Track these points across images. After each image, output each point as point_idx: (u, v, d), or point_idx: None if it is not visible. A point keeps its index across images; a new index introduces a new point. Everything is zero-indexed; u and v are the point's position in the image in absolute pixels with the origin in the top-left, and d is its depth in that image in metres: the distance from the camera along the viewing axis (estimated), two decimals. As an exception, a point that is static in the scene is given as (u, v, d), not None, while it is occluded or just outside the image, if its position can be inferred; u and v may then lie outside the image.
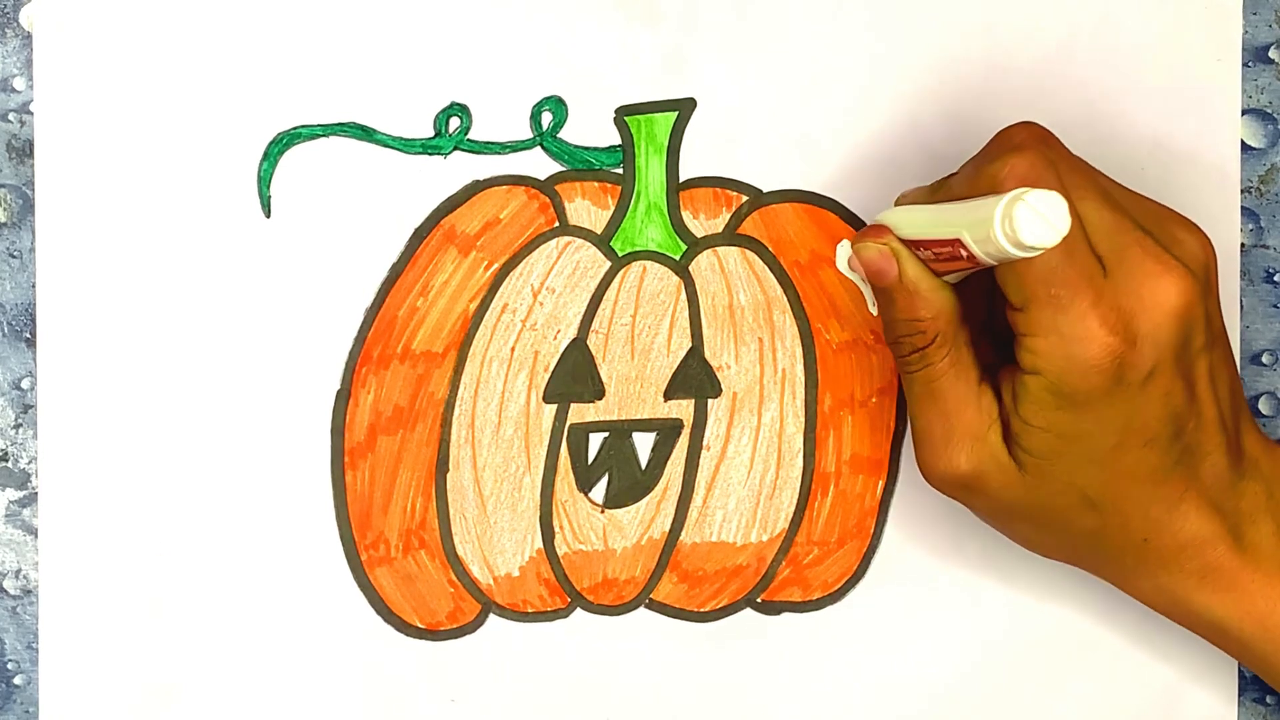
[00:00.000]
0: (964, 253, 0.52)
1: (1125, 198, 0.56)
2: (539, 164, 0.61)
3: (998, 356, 0.57)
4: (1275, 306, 0.65)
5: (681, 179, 0.62)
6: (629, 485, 0.62)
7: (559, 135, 0.61)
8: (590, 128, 0.61)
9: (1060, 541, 0.58)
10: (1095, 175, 0.56)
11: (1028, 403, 0.54)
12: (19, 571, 0.61)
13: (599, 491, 0.62)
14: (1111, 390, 0.53)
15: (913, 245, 0.55)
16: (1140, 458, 0.55)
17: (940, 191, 0.57)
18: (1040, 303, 0.53)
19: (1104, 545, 0.57)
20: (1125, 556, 0.57)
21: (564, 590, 0.62)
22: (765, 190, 0.62)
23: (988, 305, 0.58)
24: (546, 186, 0.61)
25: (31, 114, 0.60)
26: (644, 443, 0.62)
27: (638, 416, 0.62)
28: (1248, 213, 0.65)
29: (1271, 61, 0.65)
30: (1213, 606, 0.57)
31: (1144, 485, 0.55)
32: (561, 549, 0.62)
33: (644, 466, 0.62)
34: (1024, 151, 0.53)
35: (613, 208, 0.62)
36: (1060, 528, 0.57)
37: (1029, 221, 0.49)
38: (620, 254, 0.62)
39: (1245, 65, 0.64)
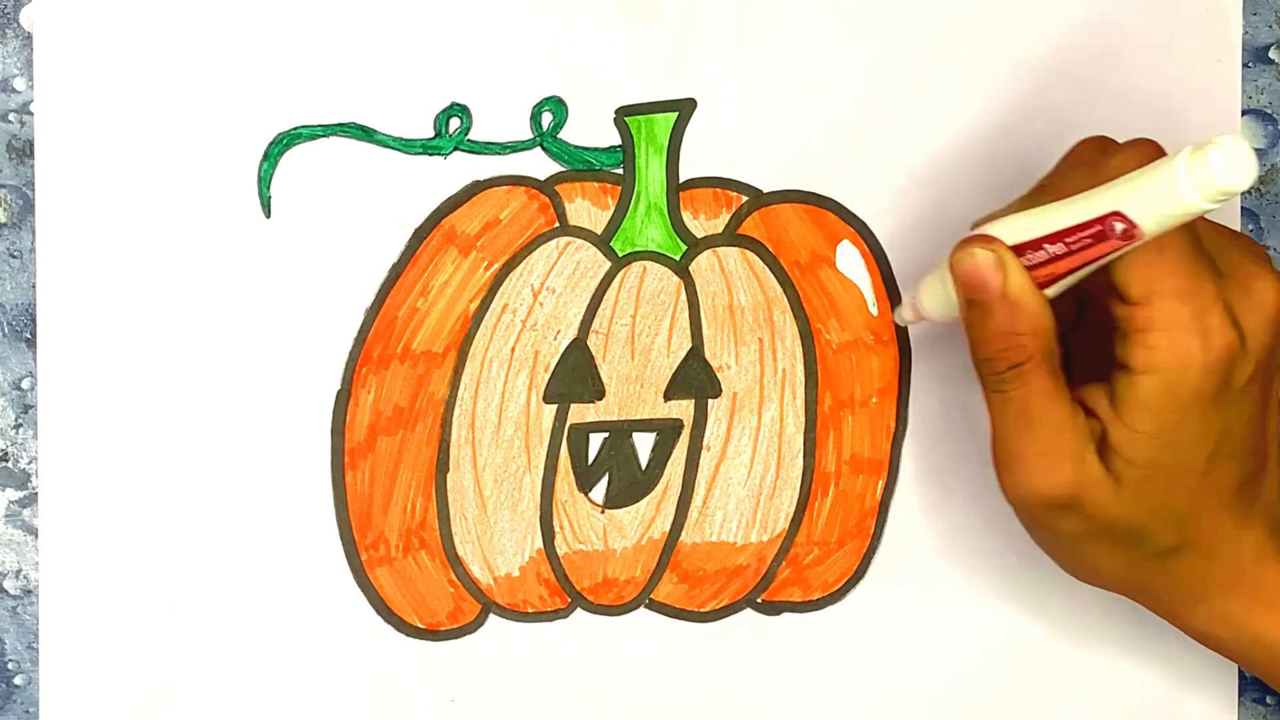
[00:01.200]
0: (1120, 226, 0.50)
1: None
2: (539, 164, 0.61)
3: (1071, 378, 0.55)
4: (1275, 306, 0.65)
5: (681, 179, 0.62)
6: (629, 485, 0.62)
7: (559, 135, 0.61)
8: (590, 128, 0.61)
9: (1129, 564, 0.56)
10: None
11: (1135, 407, 0.53)
12: (19, 571, 0.61)
13: (599, 491, 0.62)
14: (1220, 392, 0.53)
15: (1024, 249, 0.53)
16: (1225, 470, 0.54)
17: (1047, 196, 0.54)
18: (1164, 295, 0.52)
19: (1171, 566, 0.56)
20: (1188, 579, 0.56)
21: (564, 590, 0.62)
22: (765, 190, 0.62)
23: (1076, 323, 0.57)
24: (546, 187, 0.61)
25: (31, 114, 0.60)
26: (644, 443, 0.62)
27: (638, 416, 0.62)
28: (1248, 213, 0.65)
29: (1271, 61, 0.65)
30: (1270, 628, 0.56)
31: (1224, 500, 0.55)
32: (562, 549, 0.62)
33: (644, 466, 0.62)
34: (1142, 143, 0.53)
35: (613, 208, 0.62)
36: (1138, 547, 0.55)
37: (1224, 163, 0.48)
38: (620, 254, 0.62)
39: (1245, 65, 0.64)
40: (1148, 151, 0.53)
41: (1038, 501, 0.55)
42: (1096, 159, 0.54)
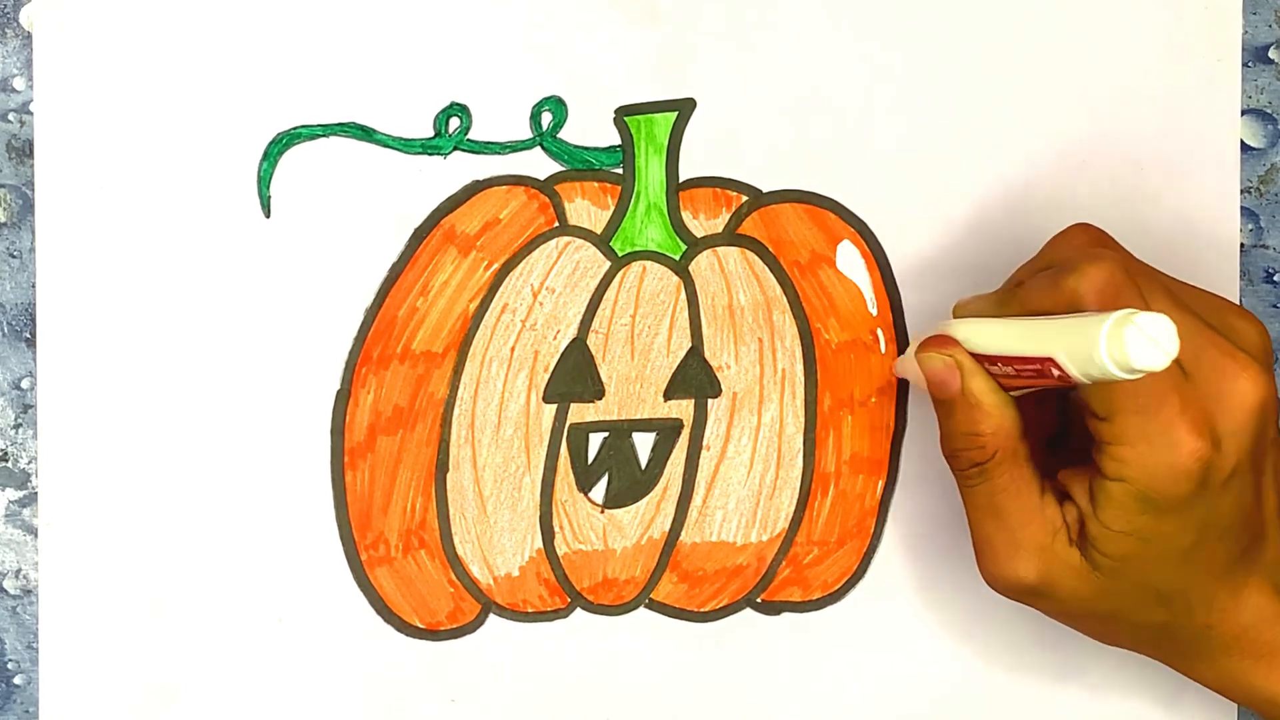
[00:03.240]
0: (1056, 372, 0.51)
1: (1186, 294, 0.55)
2: (539, 164, 0.61)
3: (1056, 459, 0.56)
4: (1275, 306, 0.65)
5: (681, 179, 0.62)
6: (629, 485, 0.62)
7: (559, 135, 0.61)
8: (590, 128, 0.61)
9: (1126, 633, 0.58)
10: (1159, 276, 0.55)
11: (1110, 509, 0.54)
12: (19, 571, 0.61)
13: (599, 491, 0.62)
14: (1196, 495, 0.53)
15: (983, 359, 0.55)
16: (1214, 551, 0.55)
17: (1012, 304, 0.56)
18: (1127, 412, 0.52)
19: (1169, 635, 0.57)
20: (1189, 644, 0.57)
21: (564, 590, 0.62)
22: (765, 190, 0.62)
23: (1056, 418, 0.58)
24: (546, 186, 0.61)
25: (31, 114, 0.60)
26: (644, 443, 0.62)
27: (638, 416, 0.62)
28: (1248, 213, 0.65)
29: (1271, 61, 0.65)
30: (1273, 685, 0.57)
31: (1214, 576, 0.55)
32: (561, 549, 0.62)
33: (644, 466, 0.62)
34: (1099, 262, 0.53)
35: (612, 208, 0.62)
36: (1129, 622, 0.57)
37: (1139, 345, 0.48)
38: (620, 254, 0.62)
39: (1245, 65, 0.64)
40: (1100, 277, 0.52)
41: (1009, 589, 0.56)
42: (1060, 271, 0.54)
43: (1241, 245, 0.65)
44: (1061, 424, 0.58)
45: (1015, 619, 0.64)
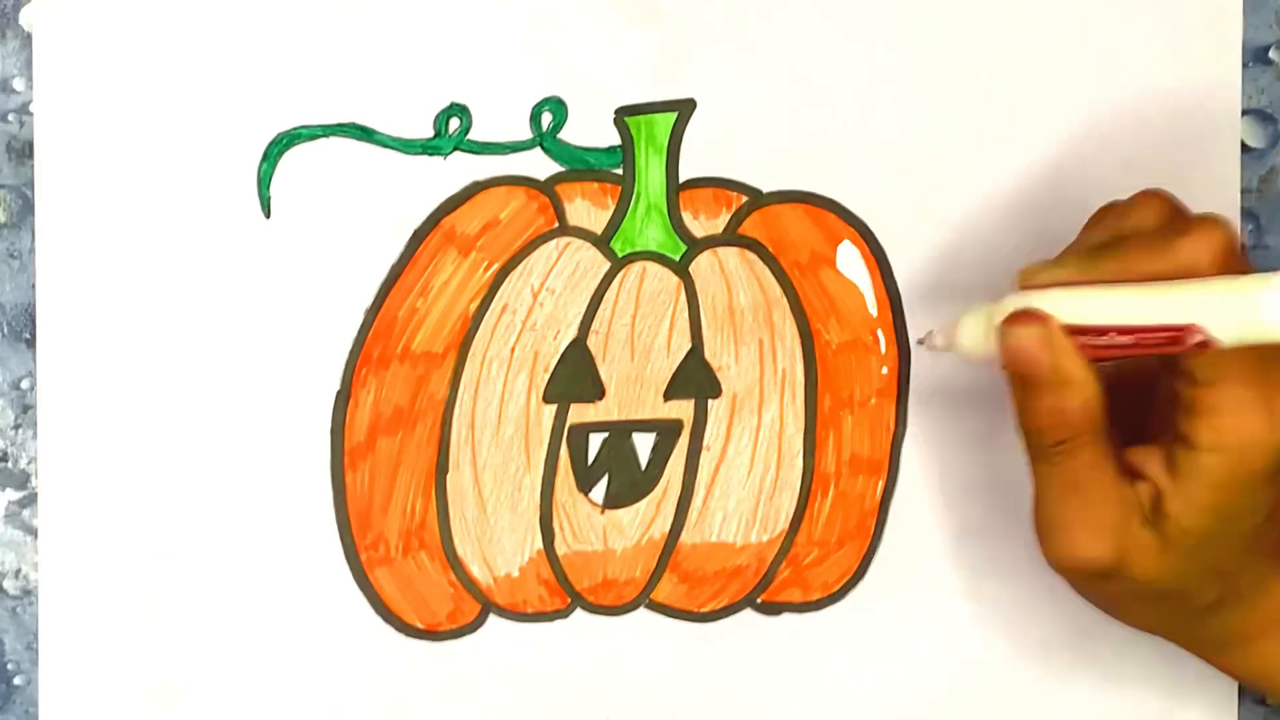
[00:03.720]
0: (1198, 338, 0.50)
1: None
2: (539, 164, 0.61)
3: (1122, 439, 0.55)
4: (1275, 307, 0.65)
5: (681, 179, 0.62)
6: (629, 486, 0.62)
7: (559, 136, 0.61)
8: (590, 128, 0.61)
9: (1172, 617, 0.57)
10: None
11: (1196, 481, 0.52)
12: (19, 571, 0.61)
13: (599, 492, 0.62)
14: (1279, 471, 0.52)
15: (1088, 330, 0.53)
16: (1272, 529, 0.54)
17: (1104, 269, 0.53)
18: (1230, 381, 0.51)
19: (1213, 617, 0.56)
20: (1229, 627, 0.56)
21: (564, 590, 0.62)
22: (765, 190, 0.62)
23: (1134, 391, 0.56)
24: (546, 187, 0.61)
25: (31, 114, 0.60)
26: (644, 443, 0.62)
27: (638, 417, 0.62)
28: (1248, 213, 0.65)
29: (1271, 62, 0.65)
30: None
31: (1267, 553, 0.55)
32: (561, 549, 0.62)
33: (644, 467, 0.62)
34: (1214, 226, 0.52)
35: (612, 208, 0.62)
36: (1181, 603, 0.56)
37: None
38: (620, 255, 0.62)
39: (1245, 65, 0.64)
40: (1217, 240, 0.52)
41: (1080, 570, 0.55)
42: (1167, 234, 0.53)
43: (1242, 246, 0.65)
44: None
45: (1014, 620, 0.64)
